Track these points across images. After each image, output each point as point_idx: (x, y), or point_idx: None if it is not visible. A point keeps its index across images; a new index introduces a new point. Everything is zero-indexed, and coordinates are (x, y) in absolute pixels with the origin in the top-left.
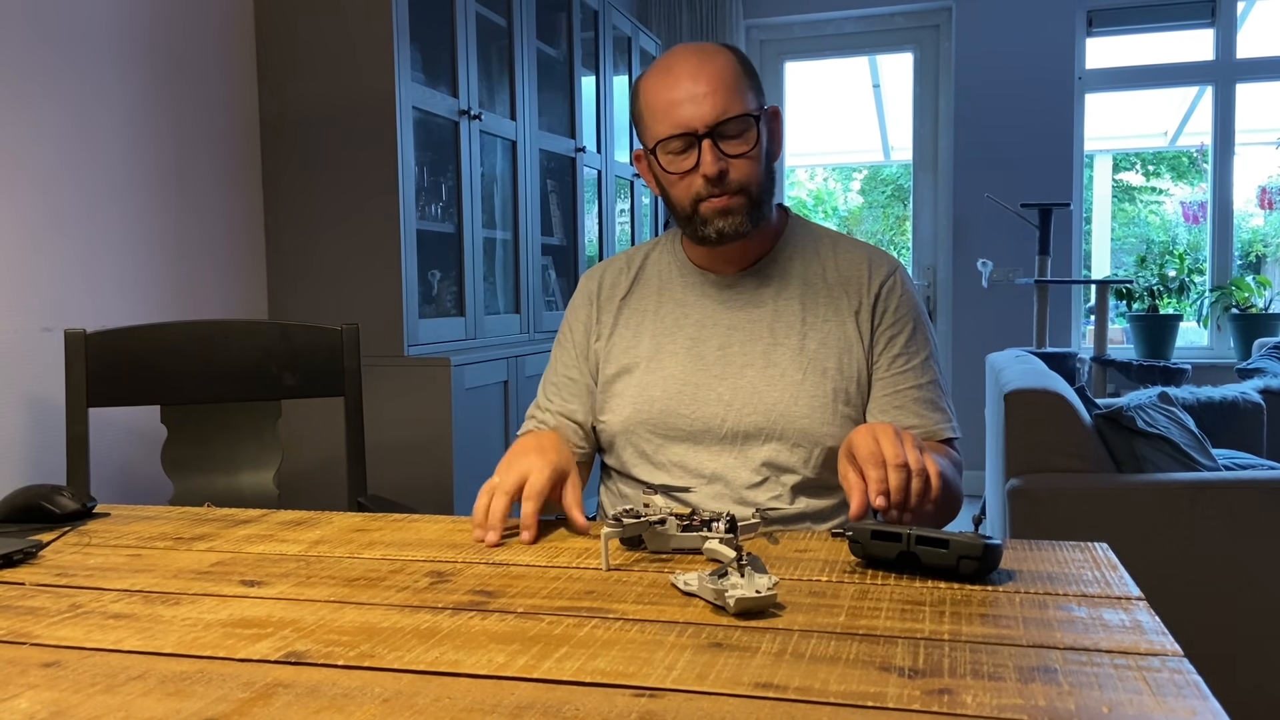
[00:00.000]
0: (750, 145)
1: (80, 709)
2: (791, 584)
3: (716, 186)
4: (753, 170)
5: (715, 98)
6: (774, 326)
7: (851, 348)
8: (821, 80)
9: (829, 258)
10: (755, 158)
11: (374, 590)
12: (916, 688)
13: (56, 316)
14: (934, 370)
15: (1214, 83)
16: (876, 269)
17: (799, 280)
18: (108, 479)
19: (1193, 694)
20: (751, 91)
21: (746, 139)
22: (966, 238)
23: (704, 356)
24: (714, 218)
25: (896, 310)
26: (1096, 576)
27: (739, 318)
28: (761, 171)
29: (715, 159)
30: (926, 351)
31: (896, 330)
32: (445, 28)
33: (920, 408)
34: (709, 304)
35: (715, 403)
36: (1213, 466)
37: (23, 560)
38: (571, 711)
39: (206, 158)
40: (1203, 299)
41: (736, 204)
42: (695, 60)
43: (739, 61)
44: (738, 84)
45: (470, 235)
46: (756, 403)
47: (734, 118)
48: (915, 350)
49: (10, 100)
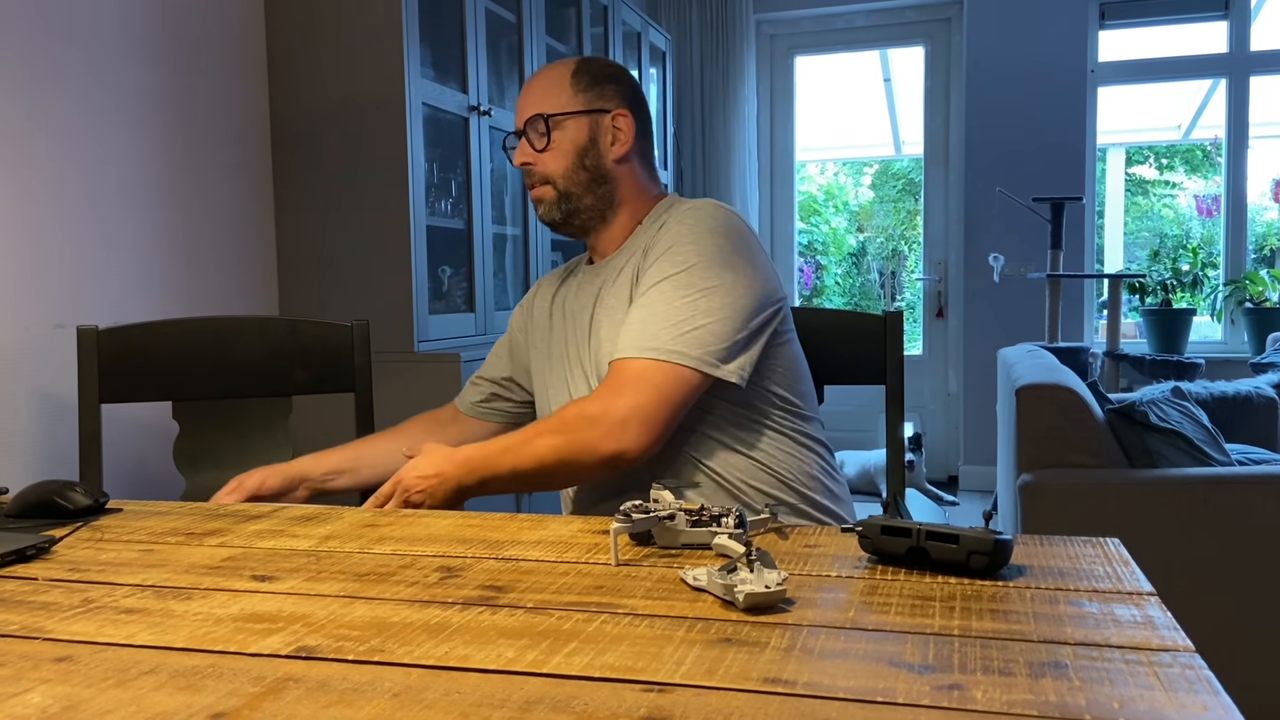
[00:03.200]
0: (544, 144)
1: (92, 703)
2: (801, 579)
3: (526, 178)
4: (554, 164)
5: (528, 103)
6: (603, 297)
7: (632, 296)
8: (832, 74)
9: (662, 223)
10: (556, 150)
11: (384, 585)
12: (926, 683)
13: (69, 313)
14: (661, 294)
15: (1228, 75)
16: (671, 216)
17: (637, 253)
18: (120, 475)
19: (1204, 689)
20: (581, 94)
21: (541, 137)
22: (978, 232)
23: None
24: (535, 205)
25: (657, 246)
26: (1108, 572)
27: (590, 299)
28: (569, 165)
29: (521, 152)
30: (663, 277)
31: (648, 266)
32: (455, 24)
33: (616, 332)
34: (577, 293)
35: (579, 378)
36: (1226, 461)
37: (36, 555)
38: (580, 706)
39: (217, 155)
40: (1216, 293)
41: (545, 194)
42: (535, 74)
43: (575, 71)
44: (557, 90)
45: (480, 231)
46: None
47: (531, 117)
48: (651, 278)
49: (23, 99)
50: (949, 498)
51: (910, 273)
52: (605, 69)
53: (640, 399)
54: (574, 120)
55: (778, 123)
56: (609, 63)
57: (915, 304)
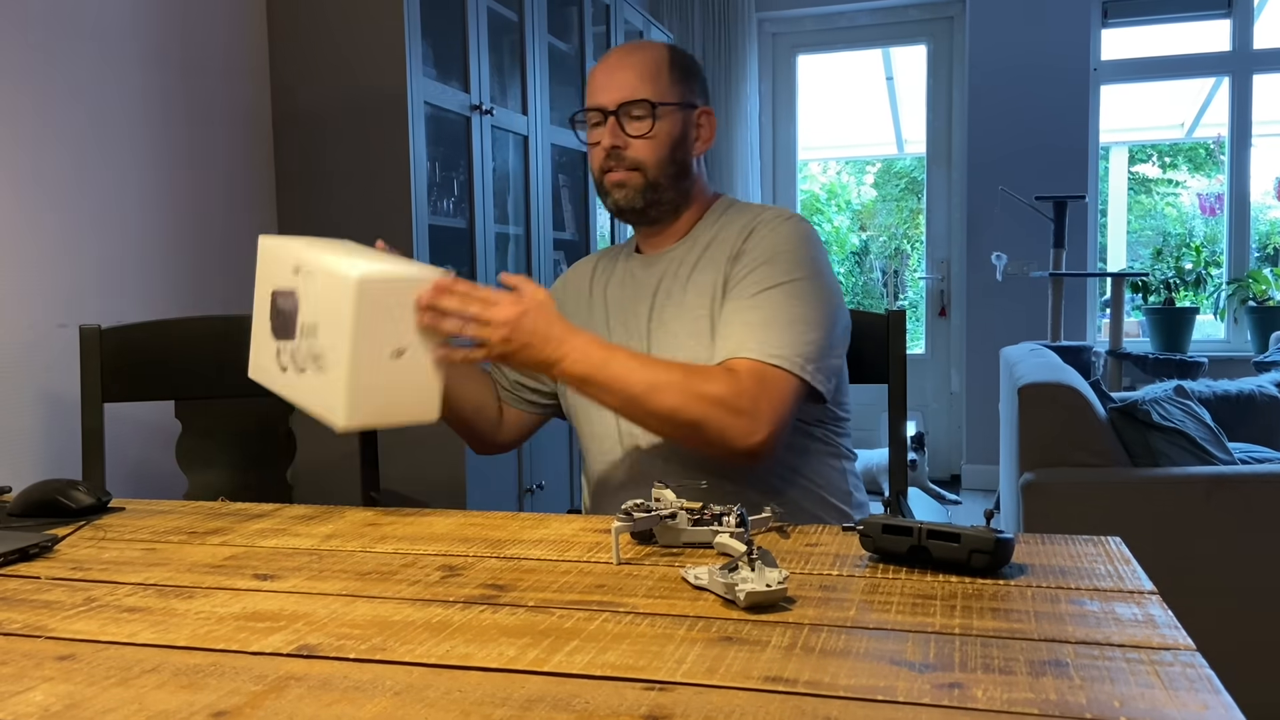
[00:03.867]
0: (647, 129)
1: (94, 701)
2: (802, 578)
3: (612, 160)
4: (650, 151)
5: (625, 85)
6: (670, 289)
7: (717, 295)
8: (834, 73)
9: (731, 223)
10: (654, 139)
11: (386, 584)
12: (927, 681)
13: (71, 313)
14: (773, 302)
15: (1231, 74)
16: (754, 220)
17: (702, 247)
18: (123, 474)
19: (1205, 688)
20: (677, 85)
21: (644, 123)
22: (981, 231)
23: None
24: (612, 189)
25: (755, 249)
26: (1109, 571)
27: (651, 289)
28: (663, 156)
29: (613, 134)
30: (772, 284)
31: (744, 266)
32: (457, 23)
33: (728, 329)
34: (636, 280)
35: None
36: (1229, 460)
37: (39, 554)
38: (581, 705)
39: (219, 154)
40: (1219, 292)
41: (632, 180)
42: (626, 50)
43: (670, 59)
44: (656, 76)
45: (482, 230)
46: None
47: (635, 101)
48: (757, 281)
49: (24, 99)
50: (951, 496)
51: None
52: (692, 62)
53: (778, 409)
54: (672, 111)
55: (780, 121)
56: (692, 55)
57: (918, 303)
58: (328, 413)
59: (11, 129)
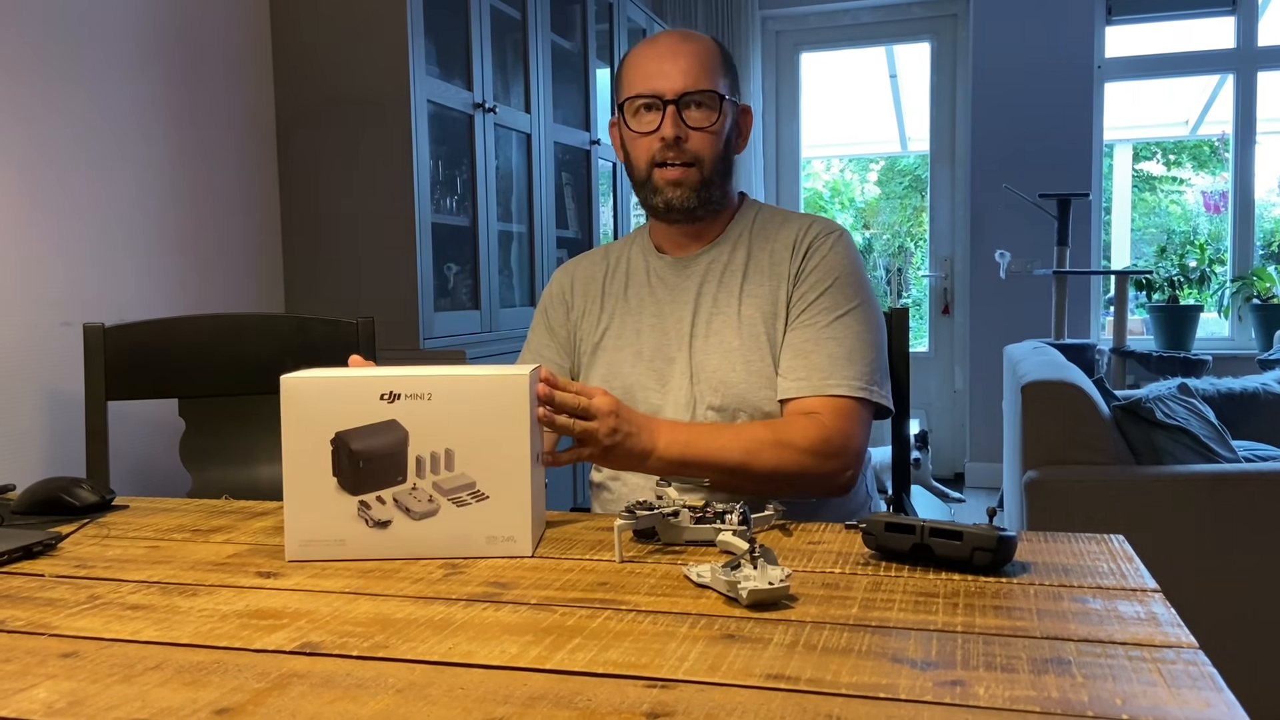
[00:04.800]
0: (712, 121)
1: (98, 699)
2: (804, 576)
3: (671, 150)
4: (710, 145)
5: (689, 73)
6: (718, 297)
7: (779, 313)
8: (837, 71)
9: (774, 231)
10: (715, 134)
11: (388, 582)
12: (929, 679)
13: (75, 311)
14: (849, 330)
15: (1235, 71)
16: (806, 235)
17: (744, 254)
18: (126, 472)
19: (1208, 686)
20: (726, 79)
21: (709, 114)
22: (984, 229)
23: (667, 333)
24: (665, 187)
25: (816, 270)
26: (1112, 569)
27: (692, 294)
28: (719, 151)
29: (675, 123)
30: (843, 311)
31: (811, 289)
32: (460, 21)
33: (808, 360)
34: (669, 285)
35: (678, 375)
36: (1233, 458)
37: (42, 552)
38: (584, 702)
39: (223, 153)
40: (1224, 289)
41: (689, 177)
42: (679, 37)
43: (720, 51)
44: (713, 67)
45: (485, 228)
46: (699, 370)
47: (701, 91)
48: (828, 308)
49: (29, 97)
50: (955, 495)
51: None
52: (731, 59)
53: (863, 441)
54: (730, 106)
55: (783, 119)
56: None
57: (921, 300)
58: (493, 546)
59: (16, 128)
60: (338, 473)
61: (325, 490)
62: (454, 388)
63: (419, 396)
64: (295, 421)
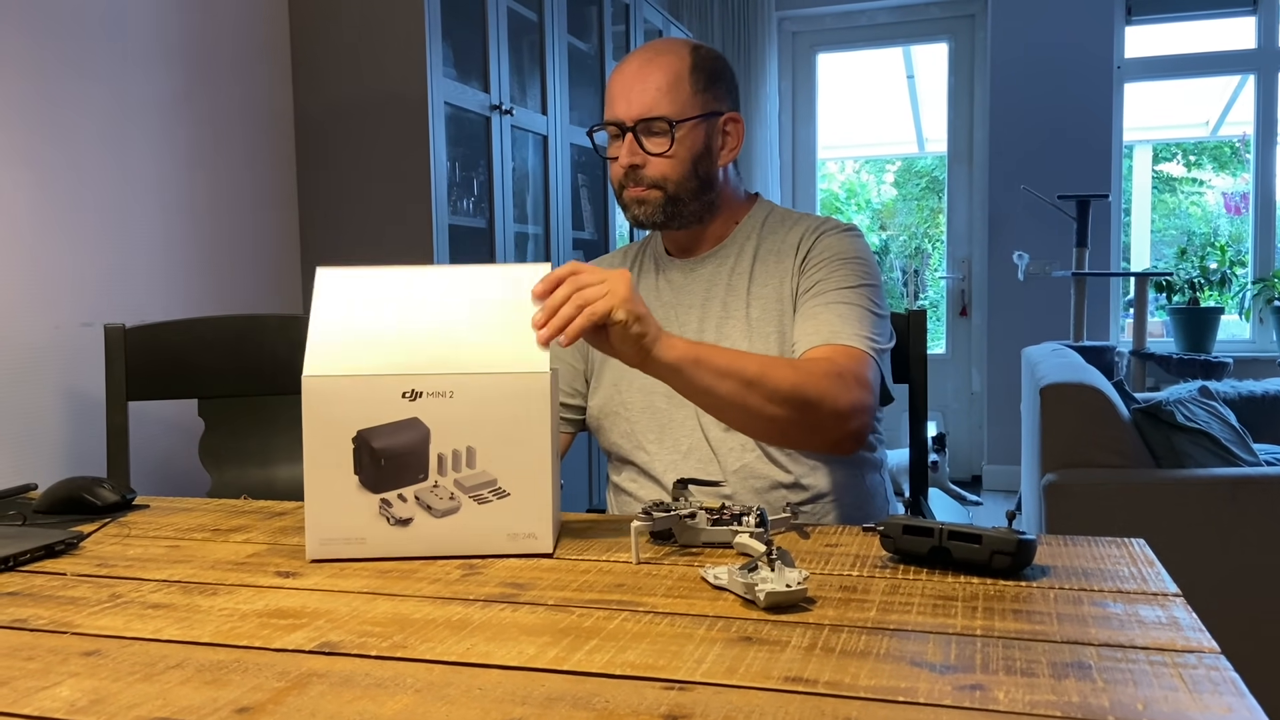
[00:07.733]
0: (665, 148)
1: (119, 697)
2: (822, 578)
3: (630, 178)
4: (669, 169)
5: (645, 98)
6: (726, 301)
7: (785, 309)
8: (854, 72)
9: (783, 232)
10: (674, 158)
11: (406, 582)
12: (948, 683)
13: (96, 312)
14: (855, 303)
15: (1256, 71)
16: (812, 230)
17: (750, 256)
18: (147, 471)
19: (1229, 691)
20: (699, 94)
21: (662, 142)
22: (1002, 230)
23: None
24: (631, 204)
25: (823, 254)
26: (1133, 573)
27: (699, 296)
28: (685, 173)
29: (630, 152)
30: (850, 285)
31: (817, 269)
32: (476, 23)
33: (816, 321)
34: (676, 287)
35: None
36: (1254, 462)
37: (64, 551)
38: (601, 703)
39: (242, 155)
40: (1245, 291)
41: (652, 196)
42: (644, 58)
43: (693, 65)
44: (675, 87)
45: (502, 230)
46: None
47: (655, 118)
48: (836, 285)
49: (50, 99)
50: (972, 497)
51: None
52: (717, 64)
53: (875, 387)
54: (693, 126)
55: (799, 120)
56: (718, 55)
57: (938, 302)
58: (514, 543)
59: (36, 129)
60: (359, 471)
61: (346, 488)
62: (476, 386)
63: (441, 395)
64: (316, 420)
